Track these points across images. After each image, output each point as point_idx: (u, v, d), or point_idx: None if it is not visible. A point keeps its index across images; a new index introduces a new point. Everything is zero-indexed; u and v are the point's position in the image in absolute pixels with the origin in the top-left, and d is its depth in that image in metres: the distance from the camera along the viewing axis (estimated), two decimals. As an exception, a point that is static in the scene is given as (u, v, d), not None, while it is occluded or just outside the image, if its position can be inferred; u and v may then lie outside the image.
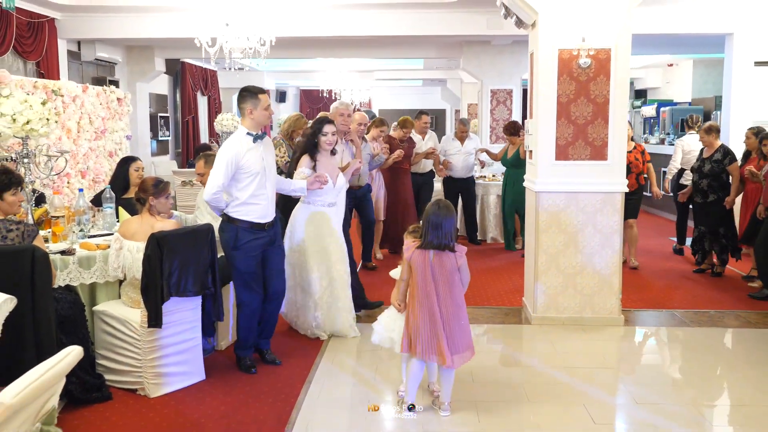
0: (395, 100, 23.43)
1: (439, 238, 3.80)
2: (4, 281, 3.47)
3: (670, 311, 6.04)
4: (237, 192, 4.42)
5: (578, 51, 5.40)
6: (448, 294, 3.81)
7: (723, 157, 7.04)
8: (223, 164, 4.33)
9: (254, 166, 4.40)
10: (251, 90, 4.45)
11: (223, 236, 4.49)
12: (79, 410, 3.98)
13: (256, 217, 4.46)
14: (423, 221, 3.84)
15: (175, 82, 13.99)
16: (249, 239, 4.45)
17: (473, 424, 3.86)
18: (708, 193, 7.12)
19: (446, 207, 3.83)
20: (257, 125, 4.46)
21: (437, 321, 3.80)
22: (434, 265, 3.80)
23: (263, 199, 4.48)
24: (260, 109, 4.42)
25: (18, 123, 4.65)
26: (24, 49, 8.39)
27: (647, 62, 15.69)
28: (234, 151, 4.34)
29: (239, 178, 4.39)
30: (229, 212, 4.45)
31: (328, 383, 4.42)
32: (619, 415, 4.04)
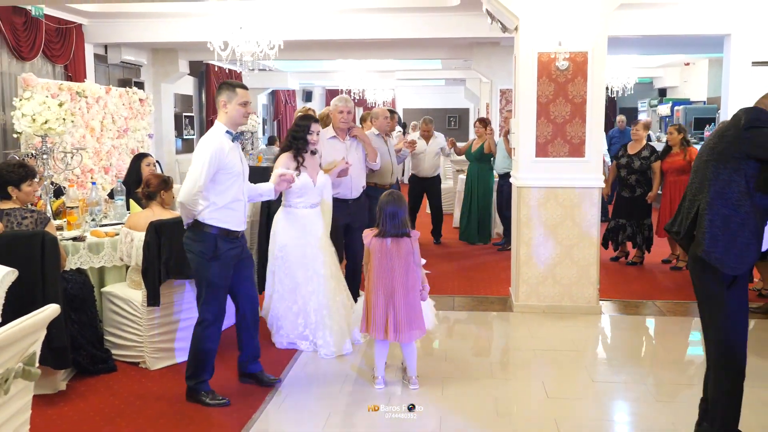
0: (419, 100, 23.76)
1: (396, 227, 4.21)
2: (17, 262, 3.93)
3: (651, 302, 6.33)
4: (215, 196, 3.94)
5: (556, 54, 5.73)
6: (405, 276, 4.20)
7: (650, 154, 7.58)
8: (205, 161, 3.87)
9: (236, 166, 4.01)
10: (230, 82, 4.10)
11: (196, 246, 4.00)
12: (87, 380, 4.46)
13: (232, 225, 4.04)
14: (378, 212, 4.24)
15: (200, 82, 14.55)
16: (227, 248, 4.03)
17: (436, 396, 4.24)
18: (636, 187, 7.64)
19: (399, 197, 4.26)
20: (233, 123, 4.04)
21: (389, 302, 4.19)
22: (392, 250, 4.19)
23: (241, 205, 4.10)
24: (235, 103, 3.99)
25: (37, 122, 5.15)
26: (53, 53, 8.97)
27: (665, 61, 15.81)
28: (217, 146, 3.92)
29: (219, 180, 3.94)
30: (204, 219, 3.96)
31: (313, 358, 4.84)
32: (572, 390, 4.37)
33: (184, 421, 3.88)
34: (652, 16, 8.83)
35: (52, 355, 4.08)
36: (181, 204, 3.93)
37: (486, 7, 6.08)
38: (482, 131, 8.85)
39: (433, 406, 4.10)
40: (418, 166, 8.85)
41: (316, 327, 4.95)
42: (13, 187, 4.41)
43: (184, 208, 3.95)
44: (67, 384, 4.34)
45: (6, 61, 8.25)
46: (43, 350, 4.01)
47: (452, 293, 6.63)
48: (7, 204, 4.36)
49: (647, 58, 14.76)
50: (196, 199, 3.89)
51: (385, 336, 4.21)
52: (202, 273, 4.04)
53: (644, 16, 8.73)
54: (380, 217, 4.22)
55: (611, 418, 3.95)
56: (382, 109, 6.94)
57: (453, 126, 23.25)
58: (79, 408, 4.06)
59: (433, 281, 6.80)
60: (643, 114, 17.11)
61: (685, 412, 3.83)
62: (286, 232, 4.98)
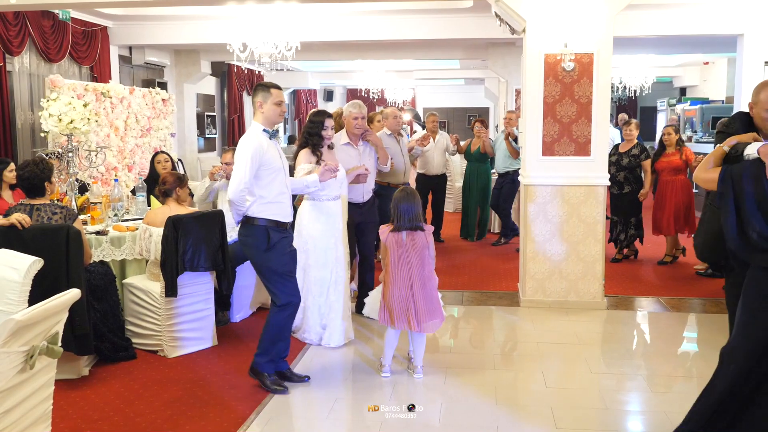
0: (439, 99, 23.87)
1: (411, 220, 4.40)
2: (44, 254, 4.18)
3: (656, 298, 6.45)
4: (261, 190, 4.17)
5: (562, 55, 5.88)
6: (420, 268, 4.41)
7: (640, 153, 7.68)
8: (247, 159, 4.09)
9: (276, 162, 4.23)
10: (265, 84, 4.26)
11: (249, 240, 4.24)
12: (108, 366, 4.71)
13: (281, 216, 4.26)
14: (393, 208, 4.45)
15: (222, 82, 14.85)
16: (279, 238, 4.24)
17: (439, 384, 4.43)
18: (624, 184, 7.75)
19: (412, 193, 4.48)
20: (269, 121, 4.23)
21: (409, 293, 4.39)
22: (407, 244, 4.39)
23: (286, 197, 4.32)
24: (270, 103, 4.19)
25: (63, 122, 5.42)
26: (79, 55, 9.28)
27: (684, 61, 15.80)
28: (257, 144, 4.13)
29: (261, 176, 4.15)
30: (254, 213, 4.19)
31: (323, 351, 5.05)
32: (571, 380, 4.53)
33: (198, 404, 4.11)
34: (665, 16, 8.90)
35: (75, 341, 4.33)
36: (230, 202, 4.16)
37: (495, 10, 6.24)
38: (481, 131, 9.09)
39: (435, 394, 4.29)
40: (426, 164, 8.91)
41: (332, 317, 5.11)
42: (48, 181, 4.67)
43: (233, 205, 4.17)
44: (89, 370, 4.60)
45: (34, 62, 8.58)
46: (67, 337, 4.32)
47: (461, 288, 6.80)
48: (39, 200, 4.61)
49: (667, 57, 14.77)
50: (243, 195, 4.11)
51: (408, 326, 4.40)
52: (262, 264, 4.26)
53: (657, 17, 8.81)
54: (395, 213, 4.43)
55: (605, 406, 4.09)
56: (392, 108, 7.10)
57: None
58: (100, 392, 4.30)
59: (442, 277, 7.02)
60: (662, 113, 17.10)
61: (678, 401, 3.98)
62: (313, 224, 5.10)
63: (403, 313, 4.39)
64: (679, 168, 7.55)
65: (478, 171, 9.19)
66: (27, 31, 8.19)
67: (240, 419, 3.91)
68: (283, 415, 4.05)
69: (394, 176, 6.70)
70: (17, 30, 8.03)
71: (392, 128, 6.94)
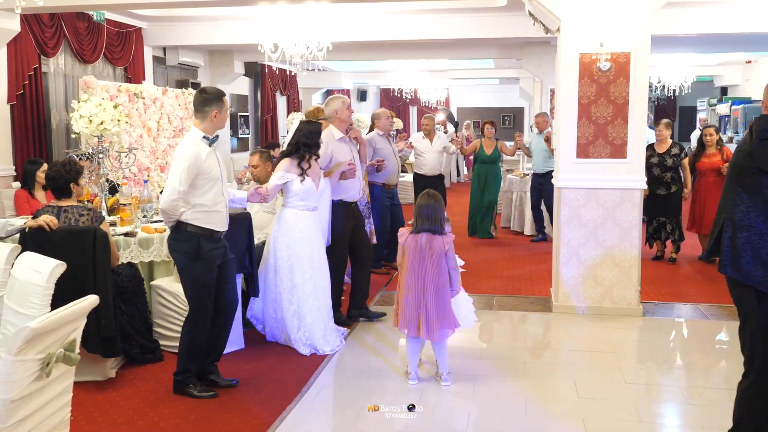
0: (473, 99, 23.69)
1: (431, 223, 4.30)
2: (71, 256, 4.20)
3: (694, 305, 6.25)
4: (196, 199, 4.10)
5: (598, 55, 5.72)
6: (437, 275, 4.29)
7: (679, 152, 7.68)
8: (183, 169, 4.02)
9: (214, 171, 4.16)
10: (214, 93, 4.21)
11: (179, 246, 4.18)
12: (136, 368, 4.70)
13: (215, 225, 4.20)
14: (416, 210, 4.35)
15: (255, 83, 14.90)
16: (210, 248, 4.18)
17: (467, 393, 4.32)
18: (671, 184, 7.73)
19: (435, 197, 4.36)
20: (215, 129, 4.21)
21: (422, 299, 4.29)
22: (425, 248, 4.29)
23: (222, 206, 4.25)
24: (223, 113, 4.21)
25: (93, 123, 5.43)
26: (113, 56, 9.37)
27: (726, 59, 15.40)
28: (194, 154, 4.06)
29: (199, 185, 4.09)
30: (187, 220, 4.12)
31: (349, 353, 4.98)
32: (604, 391, 4.38)
33: (222, 409, 4.07)
34: (706, 14, 8.68)
35: (102, 344, 4.34)
36: (162, 210, 4.11)
37: (528, 9, 6.11)
38: (491, 133, 9.34)
39: (463, 403, 4.19)
40: (422, 165, 8.76)
41: (312, 327, 5.00)
42: (74, 183, 4.68)
43: (165, 213, 4.12)
44: (116, 372, 4.59)
45: (69, 64, 8.68)
46: (93, 339, 4.32)
47: (492, 293, 6.68)
48: (66, 201, 4.62)
49: (707, 56, 14.42)
50: (176, 205, 4.06)
51: (417, 333, 4.31)
52: (187, 272, 4.21)
53: (698, 14, 8.60)
54: (417, 216, 4.33)
55: (639, 419, 3.94)
56: (384, 109, 7.16)
57: (507, 125, 23.09)
58: (126, 394, 4.29)
59: (472, 279, 6.92)
60: (702, 113, 16.72)
61: (717, 415, 3.82)
62: (288, 233, 5.02)
63: (414, 320, 4.30)
64: (720, 169, 7.47)
65: (488, 172, 9.40)
66: (62, 32, 8.29)
67: (264, 425, 3.86)
68: (307, 422, 3.99)
69: (387, 177, 6.92)
70: (52, 32, 8.13)
71: (384, 129, 6.98)
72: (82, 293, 4.21)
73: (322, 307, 5.09)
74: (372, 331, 5.52)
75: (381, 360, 4.91)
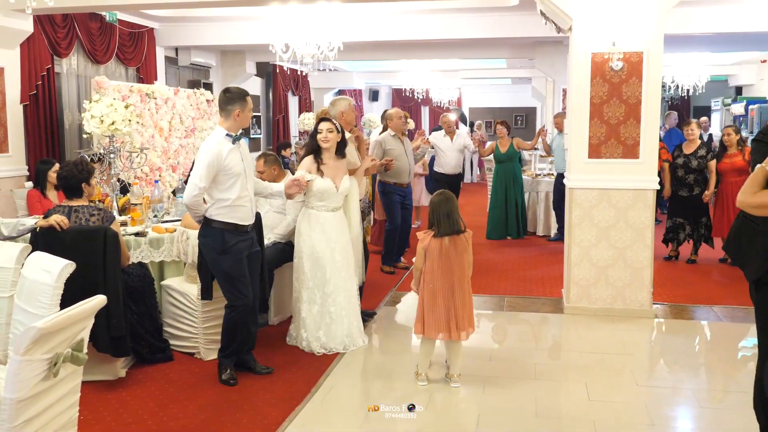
0: (485, 99, 23.59)
1: (452, 224, 4.28)
2: (81, 255, 4.20)
3: (707, 307, 6.18)
4: (220, 194, 4.31)
5: (610, 54, 5.67)
6: (461, 275, 4.29)
7: (706, 153, 7.63)
8: (204, 166, 4.23)
9: (235, 168, 4.30)
10: (238, 92, 4.39)
11: (206, 241, 4.39)
12: (145, 368, 4.71)
13: (240, 219, 4.38)
14: (432, 213, 4.32)
15: (267, 83, 14.91)
16: (236, 241, 4.36)
17: (477, 394, 4.30)
18: (694, 186, 7.71)
19: (451, 197, 4.35)
20: (238, 127, 4.37)
21: (450, 301, 4.27)
22: (450, 249, 4.27)
23: (247, 201, 4.41)
24: (247, 111, 4.37)
25: (104, 123, 5.45)
26: (125, 56, 9.40)
27: (740, 59, 15.25)
28: (215, 152, 4.24)
29: (221, 180, 4.28)
30: (211, 215, 4.34)
31: (359, 354, 4.97)
32: (615, 393, 4.33)
33: (231, 409, 4.07)
34: (720, 12, 8.59)
35: (112, 343, 4.35)
36: (186, 206, 4.36)
37: (540, 8, 6.07)
38: (504, 132, 9.34)
39: (472, 405, 4.17)
40: (444, 164, 8.88)
41: (330, 326, 5.00)
42: (85, 183, 4.68)
43: (189, 209, 4.37)
44: (126, 371, 4.60)
45: (82, 64, 8.71)
46: (103, 339, 4.33)
47: (504, 293, 6.65)
48: (77, 201, 4.63)
49: (721, 55, 14.29)
50: (197, 200, 4.28)
51: (449, 336, 4.29)
52: (216, 266, 4.41)
53: (712, 13, 8.50)
54: (436, 218, 4.30)
55: (651, 422, 3.90)
56: (396, 109, 7.12)
57: (520, 125, 22.98)
58: (136, 394, 4.30)
59: (484, 280, 6.89)
60: (716, 113, 16.57)
61: (730, 418, 3.78)
62: (308, 233, 5.04)
63: (445, 322, 4.28)
64: (742, 169, 7.37)
65: (507, 171, 9.39)
66: (75, 33, 8.32)
67: (273, 425, 3.86)
68: (316, 422, 3.98)
69: (397, 176, 6.94)
70: (65, 32, 8.16)
71: (396, 129, 6.95)
72: (92, 293, 4.20)
73: (345, 307, 5.05)
74: (381, 331, 5.51)
75: (391, 360, 4.89)
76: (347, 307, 5.06)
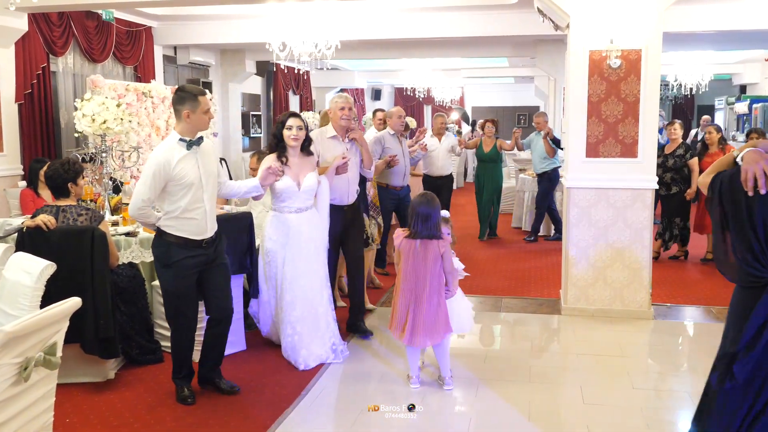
0: (488, 98, 23.52)
1: (428, 228, 4.17)
2: (68, 256, 4.17)
3: (706, 307, 6.10)
4: (169, 206, 3.89)
5: (608, 52, 5.59)
6: (431, 279, 4.16)
7: (685, 152, 7.64)
8: (149, 176, 3.81)
9: (188, 176, 3.84)
10: (190, 91, 3.91)
11: (154, 252, 4.05)
12: (135, 369, 4.65)
13: (190, 233, 3.93)
14: (411, 213, 4.22)
15: (267, 82, 14.86)
16: (182, 256, 3.92)
17: (470, 397, 4.23)
18: (671, 185, 7.73)
19: (433, 199, 4.22)
20: (194, 130, 3.90)
21: (410, 305, 4.18)
22: (420, 252, 4.17)
23: (199, 213, 3.92)
24: (199, 112, 3.86)
25: (96, 122, 5.39)
26: (123, 55, 9.36)
27: (744, 57, 15.14)
28: (162, 160, 3.80)
29: (172, 191, 3.85)
30: (160, 225, 3.95)
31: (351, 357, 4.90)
32: (610, 396, 4.25)
33: (220, 412, 4.00)
34: (722, 10, 8.50)
35: (100, 345, 4.30)
36: (132, 217, 4.02)
37: (537, 5, 5.99)
38: (492, 132, 9.26)
39: (465, 408, 4.11)
40: (430, 165, 8.61)
41: (301, 338, 4.69)
42: (72, 183, 4.62)
43: (136, 221, 4.06)
44: (116, 373, 4.54)
45: (78, 63, 8.67)
46: (91, 340, 4.27)
47: (500, 294, 6.57)
48: (65, 201, 4.57)
49: (725, 53, 14.17)
50: (144, 213, 3.91)
51: (400, 337, 4.23)
52: (159, 278, 4.13)
53: (714, 11, 8.42)
54: (412, 218, 4.21)
55: (646, 425, 3.83)
56: (397, 108, 6.92)
57: (522, 124, 22.88)
58: (124, 396, 4.24)
59: (480, 280, 6.81)
60: (720, 112, 16.46)
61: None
62: (272, 237, 4.72)
63: (401, 324, 4.21)
64: None
65: (487, 171, 9.29)
66: (71, 31, 8.28)
67: (262, 428, 3.80)
68: (305, 425, 3.92)
69: (393, 177, 6.67)
70: (61, 30, 8.12)
71: (395, 128, 6.74)
72: (79, 294, 4.13)
73: (309, 317, 4.71)
74: (375, 330, 5.43)
75: (383, 363, 4.82)
76: (311, 323, 4.71)
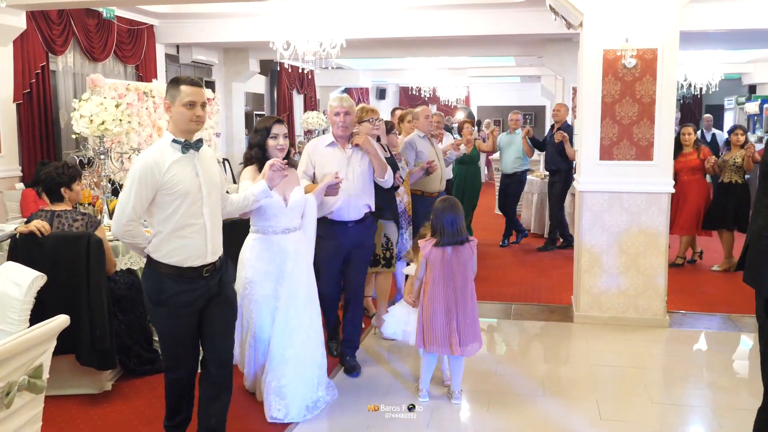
0: (493, 97, 23.31)
1: (456, 234, 4.01)
2: (63, 263, 4.01)
3: (724, 315, 5.91)
4: (160, 223, 3.09)
5: (623, 51, 5.40)
6: (464, 287, 4.03)
7: None
8: (135, 180, 3.04)
9: (183, 184, 3.07)
10: (176, 79, 3.20)
11: (144, 284, 3.24)
12: (133, 380, 4.48)
13: (183, 258, 3.11)
14: (435, 219, 4.05)
15: (271, 81, 14.69)
16: (176, 291, 3.12)
17: (480, 412, 4.05)
18: None
19: (455, 204, 4.06)
20: (178, 129, 3.12)
21: (452, 314, 4.01)
22: (452, 260, 4.01)
23: (196, 231, 3.12)
24: (178, 104, 3.09)
25: (94, 123, 5.22)
26: (124, 54, 9.19)
27: (755, 56, 14.93)
28: (151, 161, 3.04)
29: (162, 203, 3.07)
30: (150, 252, 3.14)
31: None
32: (628, 412, 4.07)
33: (220, 428, 3.83)
34: (735, 9, 8.32)
35: (96, 356, 4.13)
36: (117, 237, 3.16)
37: (549, 3, 5.81)
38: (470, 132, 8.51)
39: (475, 424, 3.93)
40: None
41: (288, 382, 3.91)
42: (66, 188, 4.46)
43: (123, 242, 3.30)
44: (113, 384, 4.37)
45: (78, 62, 8.50)
46: (87, 351, 4.09)
47: (510, 300, 6.38)
48: (60, 206, 4.41)
49: (735, 53, 13.97)
50: (130, 231, 3.07)
51: (450, 350, 4.03)
52: (151, 317, 3.46)
53: (727, 9, 8.24)
54: (438, 226, 4.04)
55: (668, 446, 3.65)
56: (424, 107, 6.34)
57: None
58: (120, 409, 4.07)
59: (489, 286, 6.63)
60: (730, 112, 16.24)
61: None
62: (253, 264, 3.94)
63: (446, 336, 4.01)
64: (696, 168, 7.51)
65: (467, 174, 8.59)
66: (71, 30, 8.11)
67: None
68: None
69: (428, 183, 5.99)
70: (61, 29, 7.96)
71: (424, 129, 6.10)
72: (74, 303, 4.05)
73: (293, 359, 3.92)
74: (382, 343, 5.25)
75: (390, 375, 4.64)
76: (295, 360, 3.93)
